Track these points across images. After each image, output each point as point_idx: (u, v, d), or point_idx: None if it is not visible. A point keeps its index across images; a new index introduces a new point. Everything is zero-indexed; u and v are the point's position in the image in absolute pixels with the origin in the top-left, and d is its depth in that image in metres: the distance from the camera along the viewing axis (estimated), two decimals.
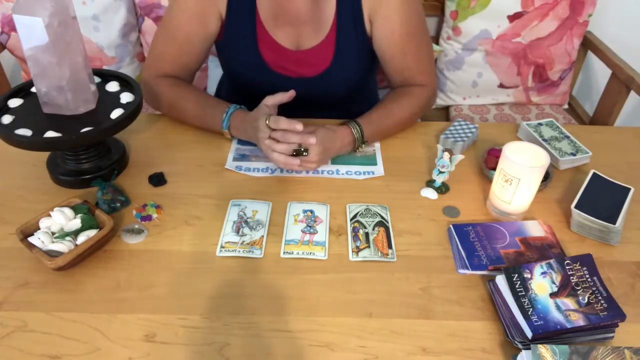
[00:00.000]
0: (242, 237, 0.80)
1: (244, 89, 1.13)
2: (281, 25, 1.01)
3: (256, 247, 0.78)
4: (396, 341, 0.67)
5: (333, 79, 1.05)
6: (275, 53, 1.03)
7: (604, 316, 0.65)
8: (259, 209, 0.86)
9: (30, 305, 0.70)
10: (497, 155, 0.90)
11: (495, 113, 1.76)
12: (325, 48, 1.02)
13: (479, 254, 0.77)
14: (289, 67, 1.04)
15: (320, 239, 0.80)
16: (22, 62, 1.64)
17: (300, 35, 1.02)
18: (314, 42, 1.02)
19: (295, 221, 0.83)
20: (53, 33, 0.78)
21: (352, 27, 1.00)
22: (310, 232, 0.81)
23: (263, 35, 1.02)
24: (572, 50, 1.69)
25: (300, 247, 0.79)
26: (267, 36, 1.02)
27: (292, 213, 0.85)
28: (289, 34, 1.02)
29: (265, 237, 0.80)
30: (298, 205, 0.87)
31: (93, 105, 0.89)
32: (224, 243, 0.79)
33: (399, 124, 1.04)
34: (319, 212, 0.85)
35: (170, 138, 1.03)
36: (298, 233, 0.81)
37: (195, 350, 0.65)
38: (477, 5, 1.63)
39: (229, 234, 0.81)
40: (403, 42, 1.00)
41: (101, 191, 0.85)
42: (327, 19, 1.00)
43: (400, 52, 1.01)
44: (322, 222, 0.83)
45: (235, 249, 0.78)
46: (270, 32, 1.02)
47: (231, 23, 1.01)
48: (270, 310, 0.70)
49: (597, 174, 0.91)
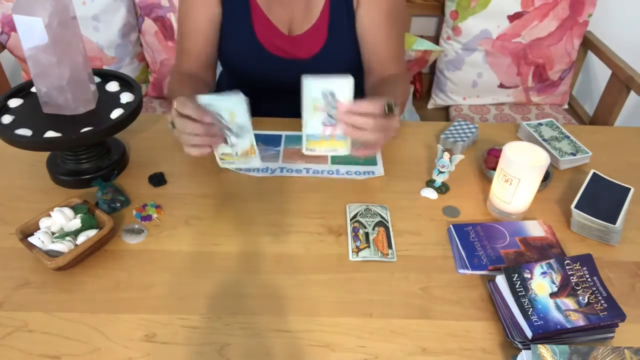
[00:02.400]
0: (232, 148, 0.76)
1: (240, 76, 1.14)
2: (274, 7, 1.02)
3: (250, 157, 0.76)
4: (396, 341, 0.67)
5: (327, 60, 1.06)
6: (270, 34, 1.04)
7: (604, 316, 0.65)
8: (233, 108, 0.74)
9: (30, 305, 0.70)
10: (497, 155, 0.90)
11: (495, 113, 1.76)
12: (317, 30, 1.03)
13: (479, 254, 0.77)
14: (283, 48, 1.05)
15: (342, 131, 0.73)
16: (22, 62, 1.64)
17: (292, 19, 1.03)
18: (306, 26, 1.03)
19: (314, 109, 0.72)
20: (53, 33, 0.78)
21: (344, 8, 1.02)
22: (332, 124, 0.73)
23: (258, 17, 1.03)
24: (572, 50, 1.69)
25: (321, 143, 0.74)
26: (263, 17, 1.03)
27: (311, 95, 0.72)
28: (281, 16, 1.03)
29: (254, 143, 0.75)
30: (316, 84, 0.72)
31: (93, 105, 0.89)
32: (221, 155, 0.77)
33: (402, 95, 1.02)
34: (339, 94, 0.72)
35: (170, 138, 1.03)
36: (319, 126, 0.73)
37: (195, 350, 0.65)
38: (477, 5, 1.63)
39: (220, 145, 0.76)
40: (388, 26, 1.02)
41: (101, 191, 0.85)
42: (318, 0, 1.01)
43: (384, 34, 1.02)
44: (344, 107, 0.72)
45: (233, 162, 0.76)
46: (266, 13, 1.03)
47: (227, 4, 1.02)
48: (270, 310, 0.70)
49: (597, 174, 0.91)
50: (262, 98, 1.15)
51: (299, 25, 1.04)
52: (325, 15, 1.02)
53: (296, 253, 0.79)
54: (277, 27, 1.03)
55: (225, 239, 0.81)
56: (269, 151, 1.00)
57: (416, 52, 1.71)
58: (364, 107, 0.72)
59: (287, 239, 0.81)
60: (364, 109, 0.72)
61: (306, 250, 0.79)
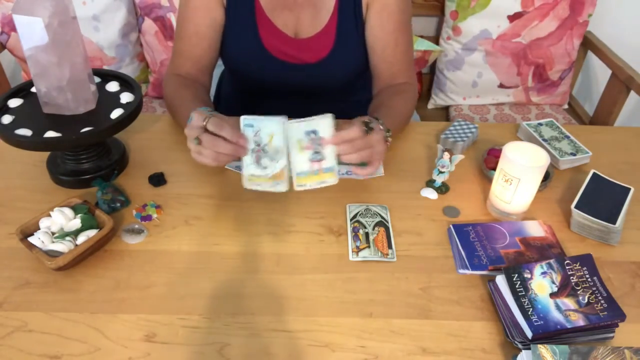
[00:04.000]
0: (263, 169, 0.77)
1: (244, 79, 1.13)
2: (280, 11, 1.02)
3: (278, 181, 0.77)
4: (396, 341, 0.67)
5: (334, 65, 1.06)
6: (275, 39, 1.03)
7: (604, 316, 0.65)
8: (274, 131, 0.76)
9: (30, 305, 0.70)
10: (497, 155, 0.90)
11: (495, 113, 1.76)
12: (326, 34, 1.03)
13: (479, 254, 0.77)
14: (289, 52, 1.04)
15: (329, 165, 0.77)
16: (22, 62, 1.64)
17: (299, 23, 1.03)
18: (314, 30, 1.03)
19: (300, 149, 0.77)
20: (53, 33, 0.78)
21: (352, 14, 1.01)
22: (319, 160, 0.77)
23: (263, 21, 1.02)
24: (572, 50, 1.70)
25: (310, 178, 0.77)
26: (267, 22, 1.02)
27: (296, 137, 0.76)
28: (288, 20, 1.03)
29: (287, 167, 0.77)
30: (298, 127, 0.76)
31: (93, 105, 0.89)
32: (249, 176, 0.77)
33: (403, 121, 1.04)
34: (322, 131, 0.76)
35: (170, 138, 1.03)
36: (307, 163, 0.77)
37: (195, 350, 0.65)
38: (477, 5, 1.63)
39: (251, 166, 0.77)
40: (397, 32, 1.02)
41: (101, 191, 0.85)
42: (326, 4, 1.01)
43: (393, 43, 1.02)
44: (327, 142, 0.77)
45: (260, 183, 0.77)
46: (271, 18, 1.02)
47: (231, 9, 1.02)
48: (270, 310, 0.70)
49: (597, 174, 0.91)
50: (265, 100, 1.15)
51: (305, 29, 1.03)
52: (334, 19, 1.02)
53: (296, 253, 0.79)
54: (282, 32, 1.03)
55: (225, 239, 0.81)
56: None
57: (416, 52, 1.71)
58: (344, 135, 0.77)
59: (287, 239, 0.81)
60: (344, 137, 0.77)
61: (306, 250, 0.79)
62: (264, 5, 1.02)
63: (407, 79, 1.06)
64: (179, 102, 0.98)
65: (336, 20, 1.01)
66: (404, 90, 1.04)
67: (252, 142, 0.77)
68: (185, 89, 1.01)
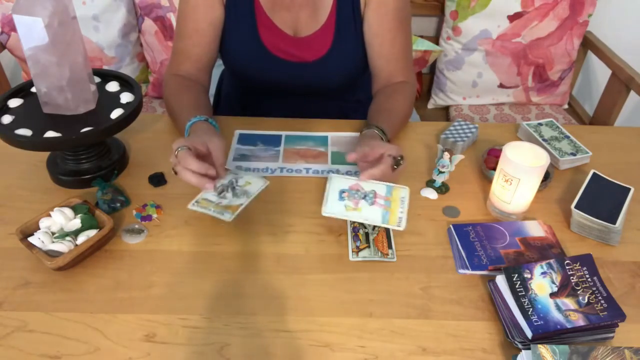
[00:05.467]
0: (221, 199, 0.81)
1: (244, 78, 1.13)
2: (279, 10, 1.02)
3: (228, 211, 0.79)
4: (396, 341, 0.67)
5: (333, 63, 1.06)
6: (274, 37, 1.04)
7: (604, 316, 0.65)
8: (253, 182, 0.86)
9: (30, 305, 0.70)
10: (497, 155, 0.90)
11: (495, 113, 1.76)
12: (324, 32, 1.03)
13: (479, 254, 0.77)
14: (288, 51, 1.05)
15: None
16: (22, 62, 1.64)
17: (298, 21, 1.03)
18: (312, 29, 1.03)
19: (340, 198, 0.82)
20: (53, 33, 0.78)
21: (350, 11, 1.02)
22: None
23: (262, 20, 1.02)
24: (572, 50, 1.70)
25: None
26: (267, 20, 1.02)
27: (337, 188, 0.83)
28: (287, 19, 1.03)
29: (243, 206, 0.81)
30: (342, 181, 0.84)
31: (93, 105, 0.89)
32: (200, 199, 0.81)
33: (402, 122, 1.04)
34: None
35: (170, 138, 1.03)
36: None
37: (195, 350, 0.65)
38: (477, 5, 1.63)
39: (209, 193, 0.82)
40: (394, 30, 1.02)
41: (101, 191, 0.85)
42: (324, 2, 1.01)
43: (391, 40, 1.02)
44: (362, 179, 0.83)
45: (208, 208, 0.80)
46: (270, 17, 1.02)
47: (231, 7, 1.02)
48: (271, 310, 0.70)
49: (597, 174, 0.91)
50: (264, 98, 1.15)
51: (304, 28, 1.03)
52: (332, 17, 1.02)
53: (296, 253, 0.79)
54: (281, 30, 1.03)
55: (225, 239, 0.81)
56: (269, 151, 1.00)
57: (416, 52, 1.71)
58: (374, 173, 0.81)
59: (287, 239, 0.81)
60: (374, 175, 0.82)
61: (306, 250, 0.79)
62: (263, 3, 1.02)
63: (406, 77, 1.06)
64: (178, 108, 0.99)
65: (334, 18, 1.02)
66: (403, 89, 1.04)
67: (227, 180, 0.84)
68: (184, 93, 1.01)
